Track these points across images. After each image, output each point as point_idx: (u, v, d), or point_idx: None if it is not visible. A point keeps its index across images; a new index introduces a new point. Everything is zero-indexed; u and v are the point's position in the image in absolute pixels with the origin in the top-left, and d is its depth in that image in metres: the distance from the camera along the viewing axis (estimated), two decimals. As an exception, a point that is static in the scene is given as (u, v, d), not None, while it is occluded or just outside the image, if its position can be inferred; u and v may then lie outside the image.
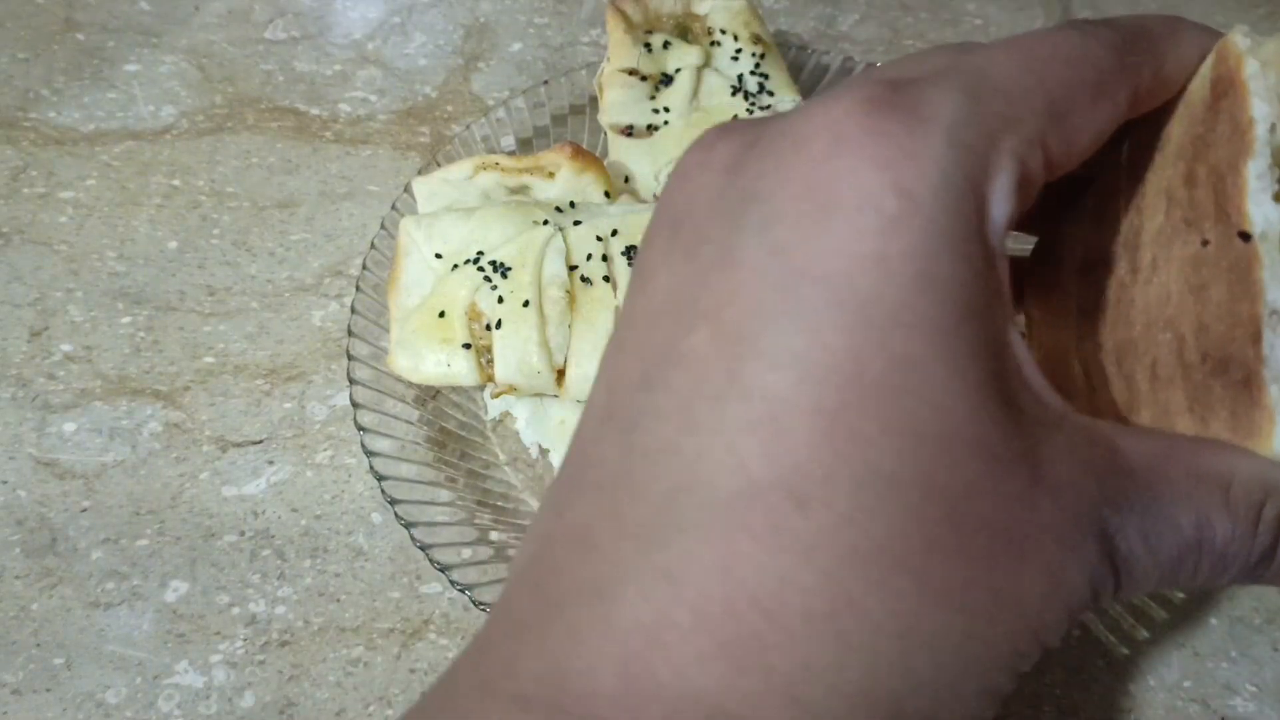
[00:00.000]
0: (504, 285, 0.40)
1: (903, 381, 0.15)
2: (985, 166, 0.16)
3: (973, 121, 0.16)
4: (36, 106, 0.57)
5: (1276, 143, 0.18)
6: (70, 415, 0.45)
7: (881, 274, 0.15)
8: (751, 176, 0.17)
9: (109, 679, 0.38)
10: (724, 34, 0.51)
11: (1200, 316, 0.18)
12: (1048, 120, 0.17)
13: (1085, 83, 0.17)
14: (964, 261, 0.15)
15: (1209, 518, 0.17)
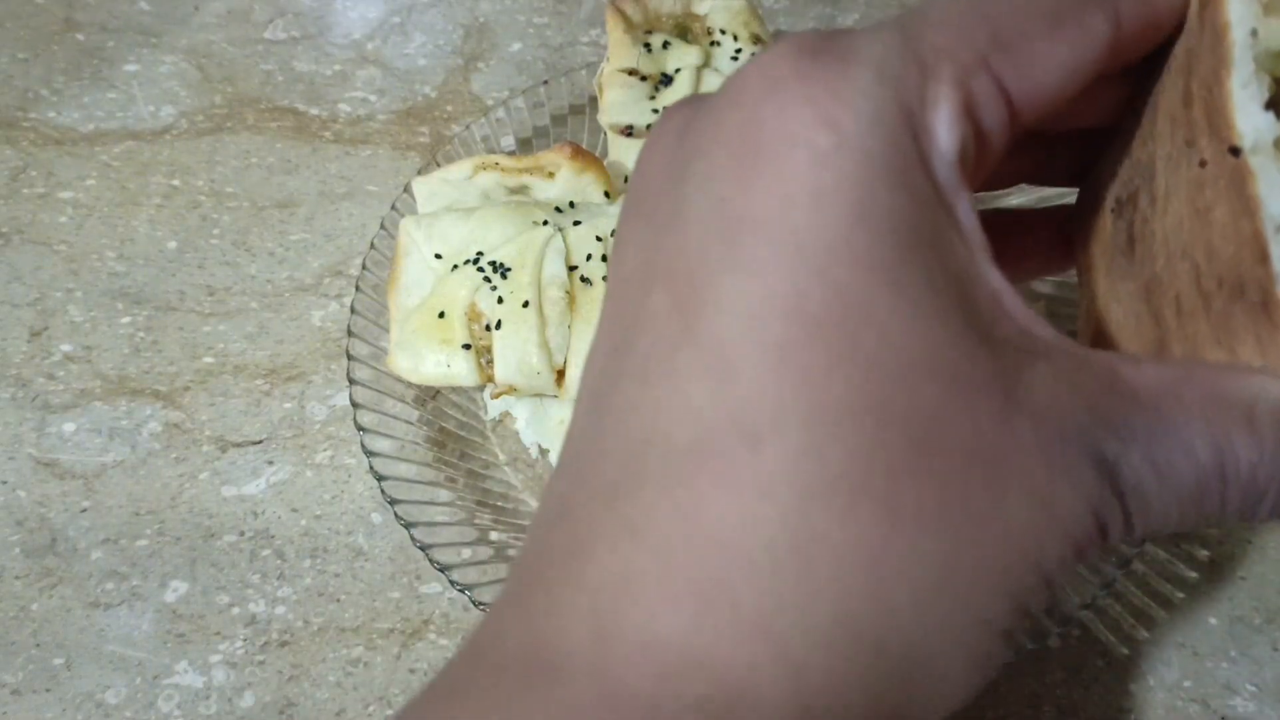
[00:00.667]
0: (504, 286, 0.40)
1: (845, 312, 0.14)
2: (921, 96, 0.16)
3: (905, 55, 0.16)
4: (36, 106, 0.57)
5: (1261, 48, 0.17)
6: (70, 415, 0.45)
7: (816, 209, 0.15)
8: (695, 135, 0.17)
9: (109, 679, 0.38)
10: (724, 34, 0.51)
11: (1210, 241, 0.17)
12: (992, 48, 0.16)
13: (1038, 11, 0.17)
14: (903, 191, 0.15)
15: (1231, 442, 0.16)
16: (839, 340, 0.14)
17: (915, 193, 0.15)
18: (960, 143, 0.16)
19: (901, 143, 0.15)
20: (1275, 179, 0.16)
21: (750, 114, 0.16)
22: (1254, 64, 0.17)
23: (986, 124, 0.16)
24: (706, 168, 0.16)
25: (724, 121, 0.16)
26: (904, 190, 0.15)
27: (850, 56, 0.16)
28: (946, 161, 0.16)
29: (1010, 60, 0.16)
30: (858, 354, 0.14)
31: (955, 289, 0.15)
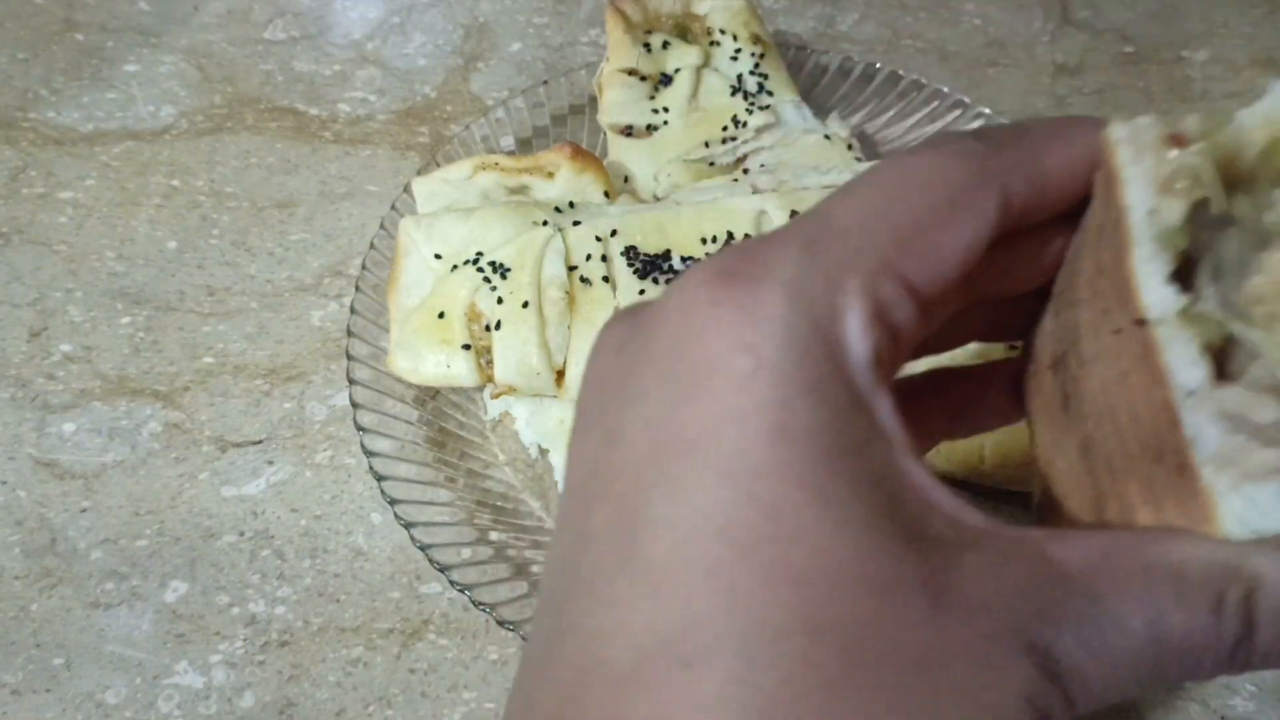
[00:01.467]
0: (503, 286, 0.40)
1: (774, 529, 0.15)
2: (831, 311, 0.17)
3: (812, 271, 0.17)
4: (36, 107, 0.57)
5: (1159, 226, 0.18)
6: (70, 415, 0.45)
7: (739, 430, 0.16)
8: (629, 356, 0.18)
9: (108, 679, 0.38)
10: (723, 34, 0.51)
11: (1131, 405, 0.18)
12: (895, 249, 0.17)
13: (935, 202, 0.18)
14: (822, 404, 0.16)
15: (1162, 614, 0.16)
16: (769, 558, 0.15)
17: (833, 404, 0.16)
18: (873, 348, 0.17)
19: (816, 358, 0.16)
20: (1182, 349, 0.17)
21: (674, 340, 0.17)
22: (1153, 242, 0.17)
23: (897, 322, 0.17)
24: (640, 389, 0.17)
25: (653, 344, 0.17)
26: (822, 404, 0.16)
27: (762, 278, 0.17)
28: (862, 368, 0.17)
29: (913, 256, 0.18)
30: (788, 570, 0.15)
31: (881, 492, 0.16)
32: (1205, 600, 0.16)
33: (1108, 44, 0.61)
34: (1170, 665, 0.16)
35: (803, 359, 0.16)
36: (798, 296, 0.17)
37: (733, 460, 0.15)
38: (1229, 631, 0.16)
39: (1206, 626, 0.16)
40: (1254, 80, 0.59)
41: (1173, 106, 0.58)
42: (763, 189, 0.44)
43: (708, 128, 0.48)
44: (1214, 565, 0.17)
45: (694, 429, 0.16)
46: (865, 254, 0.17)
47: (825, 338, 0.16)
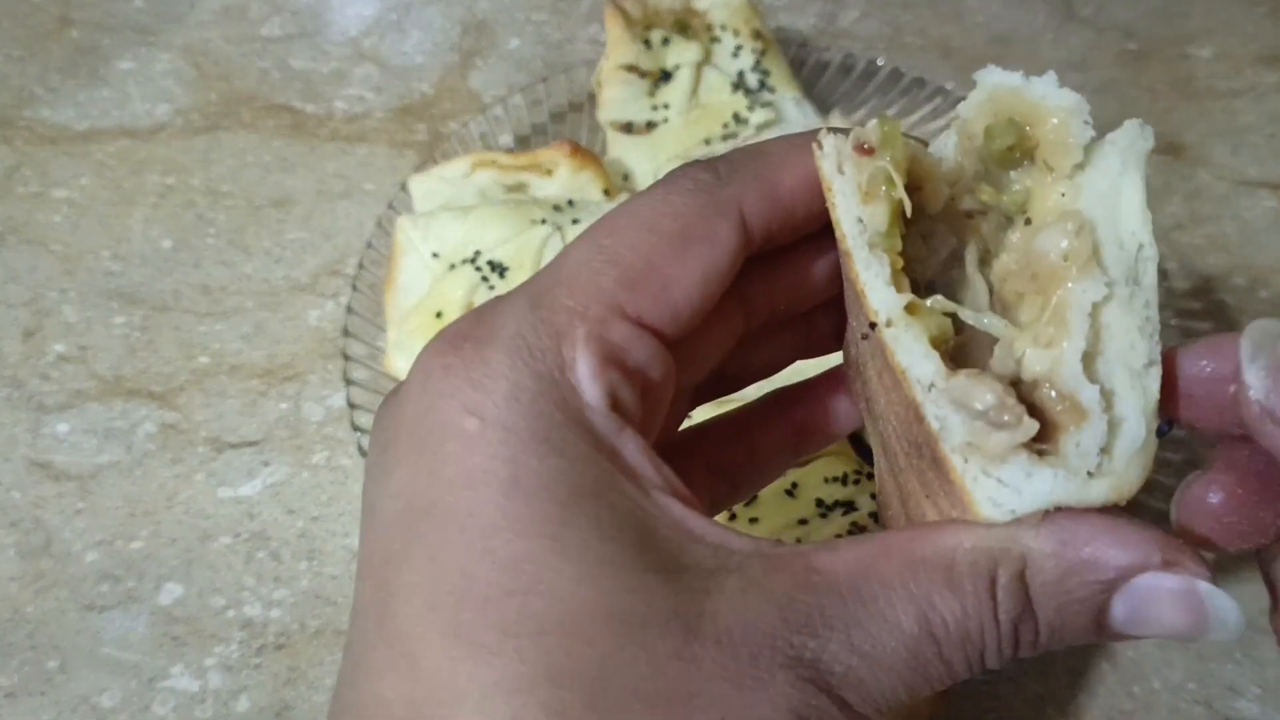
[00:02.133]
0: (501, 285, 0.40)
1: (512, 582, 0.15)
2: (559, 361, 0.17)
3: (537, 326, 0.18)
4: (30, 105, 0.57)
5: (870, 231, 0.18)
6: (64, 416, 0.45)
7: (472, 491, 0.16)
8: (384, 429, 0.18)
9: (104, 682, 0.38)
10: (724, 30, 0.50)
11: (891, 404, 0.19)
12: (623, 291, 0.18)
13: (665, 238, 0.18)
14: (553, 454, 0.16)
15: (933, 605, 0.16)
16: (509, 612, 0.15)
17: (568, 452, 0.16)
18: (607, 392, 0.17)
19: (543, 410, 0.17)
20: (910, 346, 0.18)
21: (415, 410, 0.18)
22: (867, 247, 0.18)
23: (637, 362, 0.18)
24: (392, 460, 0.18)
25: (401, 415, 0.18)
26: (554, 453, 0.16)
27: (487, 341, 0.17)
28: (599, 412, 0.17)
29: (645, 295, 0.18)
30: (527, 622, 0.15)
31: (629, 531, 0.16)
32: (976, 584, 0.17)
33: (1111, 41, 0.61)
34: (953, 657, 0.16)
35: (529, 413, 0.17)
36: (522, 352, 0.17)
37: (467, 520, 0.16)
38: (1006, 612, 0.17)
39: (981, 610, 0.16)
40: (1258, 77, 0.59)
41: (1176, 104, 0.58)
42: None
43: (708, 125, 0.48)
44: (981, 550, 0.17)
45: (432, 494, 0.16)
46: (590, 301, 0.18)
47: (554, 390, 0.17)
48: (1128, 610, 0.17)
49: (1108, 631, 0.18)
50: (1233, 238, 0.52)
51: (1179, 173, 0.55)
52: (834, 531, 0.37)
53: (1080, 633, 0.17)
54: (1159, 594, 0.17)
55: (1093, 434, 0.17)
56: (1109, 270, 0.18)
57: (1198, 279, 0.50)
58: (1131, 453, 0.17)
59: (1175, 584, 0.17)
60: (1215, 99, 0.58)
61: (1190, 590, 0.17)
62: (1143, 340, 0.18)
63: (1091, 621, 0.17)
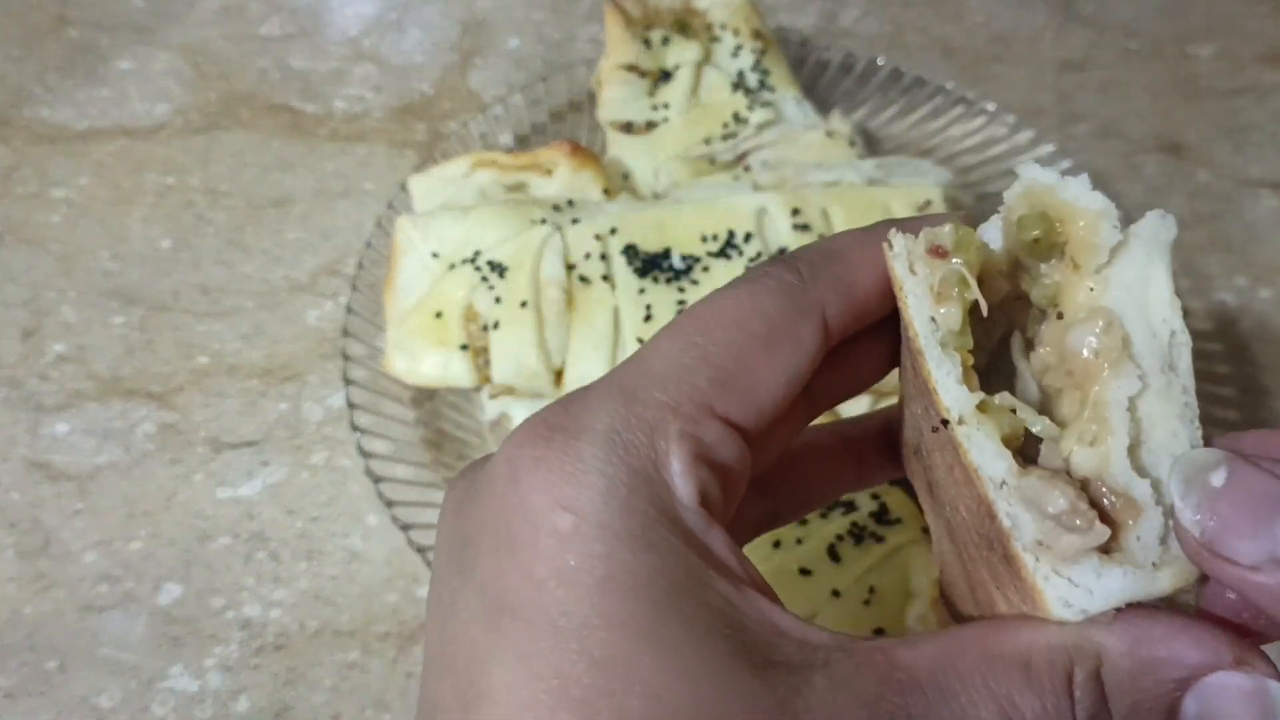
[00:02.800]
0: (501, 285, 0.40)
1: (607, 682, 0.15)
2: (653, 458, 0.17)
3: (631, 421, 0.18)
4: (29, 104, 0.57)
5: (942, 331, 0.19)
6: (63, 416, 0.45)
7: (565, 589, 0.16)
8: (464, 520, 0.18)
9: (102, 683, 0.38)
10: (723, 29, 0.50)
11: (962, 496, 0.19)
12: (713, 391, 0.18)
13: (754, 339, 0.19)
14: (648, 550, 0.16)
15: (1013, 701, 0.16)
16: (605, 712, 0.15)
17: (661, 548, 0.17)
18: (698, 489, 0.18)
19: (638, 507, 0.17)
20: (983, 443, 0.18)
21: (501, 503, 0.17)
22: (940, 347, 0.19)
23: (724, 460, 0.18)
24: (473, 555, 0.18)
25: (484, 506, 0.18)
26: (649, 550, 0.16)
27: (581, 434, 0.17)
28: (690, 510, 0.17)
29: (734, 395, 0.18)
30: (621, 703, 0.15)
31: (720, 628, 0.16)
32: (1054, 682, 0.17)
33: (1112, 39, 0.61)
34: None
35: (624, 509, 0.17)
36: (616, 448, 0.17)
37: (561, 619, 0.16)
38: (1083, 709, 0.17)
39: (1060, 708, 0.17)
40: (1259, 76, 0.59)
41: (1177, 103, 0.58)
42: (764, 186, 0.43)
43: (708, 124, 0.48)
44: (1057, 649, 0.17)
45: (524, 593, 0.16)
46: (683, 399, 0.18)
47: (648, 486, 0.17)
48: (1199, 708, 0.17)
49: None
50: (1235, 237, 0.52)
51: (1180, 172, 0.54)
52: (834, 531, 0.37)
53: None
54: (1230, 693, 0.17)
55: (1151, 527, 0.17)
56: (1142, 362, 0.18)
57: (1199, 278, 0.50)
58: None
59: (1247, 683, 0.17)
60: (1217, 98, 0.58)
61: (1261, 690, 0.17)
62: (1184, 427, 0.18)
63: (1162, 716, 0.17)
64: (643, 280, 0.40)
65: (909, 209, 0.42)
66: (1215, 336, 0.46)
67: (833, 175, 0.44)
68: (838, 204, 0.41)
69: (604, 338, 0.39)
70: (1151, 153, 0.55)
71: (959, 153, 0.51)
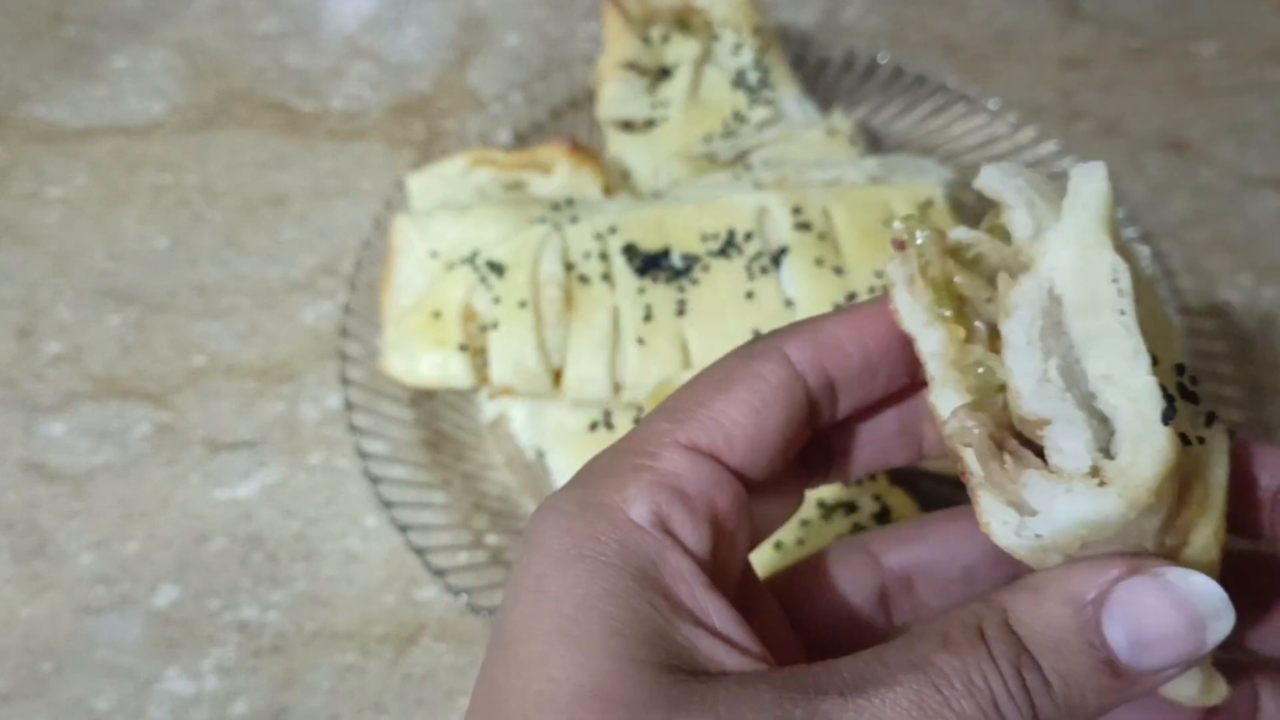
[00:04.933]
0: (500, 285, 0.40)
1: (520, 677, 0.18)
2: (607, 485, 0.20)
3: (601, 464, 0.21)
4: (24, 103, 0.56)
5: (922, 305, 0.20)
6: (59, 416, 0.45)
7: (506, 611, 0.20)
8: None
9: (99, 685, 0.37)
10: (724, 27, 0.50)
11: None
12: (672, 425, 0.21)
13: (709, 382, 0.21)
14: (582, 563, 0.19)
15: (930, 662, 0.17)
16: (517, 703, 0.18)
17: (593, 561, 0.19)
18: (651, 509, 0.20)
19: (577, 528, 0.19)
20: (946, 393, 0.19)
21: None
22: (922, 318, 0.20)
23: (693, 485, 0.20)
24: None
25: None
26: (580, 563, 0.19)
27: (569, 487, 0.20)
28: (639, 528, 0.19)
29: (694, 424, 0.21)
30: (527, 707, 0.18)
31: (640, 630, 0.18)
32: (967, 638, 0.18)
33: (1115, 37, 0.60)
34: (963, 707, 0.17)
35: (568, 531, 0.19)
36: (577, 487, 0.20)
37: (498, 634, 0.19)
38: (1001, 654, 0.18)
39: (977, 656, 0.18)
40: (1263, 73, 0.58)
41: (1181, 101, 0.57)
42: (765, 185, 0.43)
43: (708, 122, 0.47)
44: (968, 612, 0.19)
45: (499, 619, 0.20)
46: (646, 440, 0.20)
47: (596, 509, 0.19)
48: (1123, 632, 0.18)
49: (1121, 671, 0.18)
50: (1238, 235, 0.51)
51: (1183, 170, 0.54)
52: (835, 532, 0.36)
53: (1092, 676, 0.18)
54: (1140, 602, 0.18)
55: (1067, 433, 0.18)
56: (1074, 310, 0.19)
57: (1202, 277, 0.49)
58: (1130, 443, 0.18)
59: (1152, 583, 0.18)
60: (1220, 96, 0.57)
61: (1165, 583, 0.18)
62: (1115, 344, 0.18)
63: (1096, 659, 0.18)
64: (642, 279, 0.40)
65: (910, 208, 0.41)
66: (1219, 336, 0.45)
67: (834, 174, 0.43)
68: (839, 202, 0.41)
69: (603, 337, 0.39)
70: (1154, 151, 0.55)
71: (961, 151, 0.51)
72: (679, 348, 0.39)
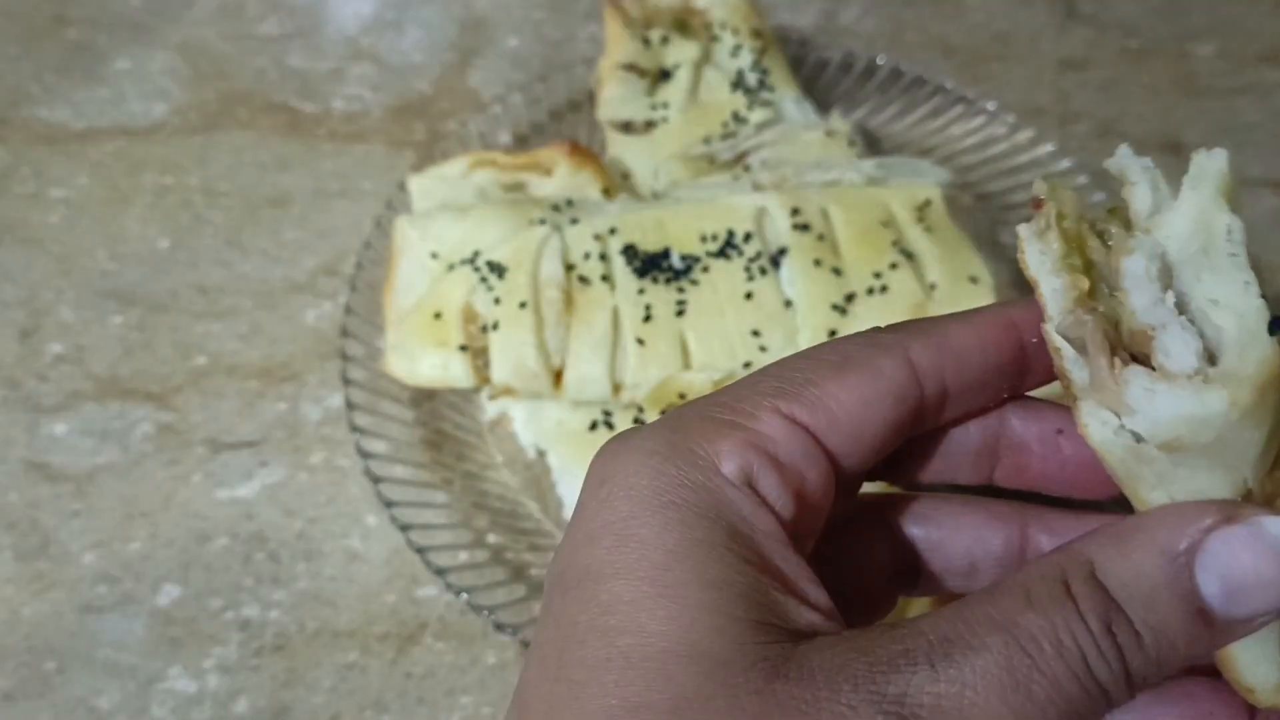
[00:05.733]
0: (500, 286, 0.40)
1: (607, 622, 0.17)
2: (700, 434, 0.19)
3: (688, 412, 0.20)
4: (27, 104, 0.57)
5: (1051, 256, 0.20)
6: (61, 417, 0.45)
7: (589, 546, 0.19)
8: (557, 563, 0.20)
9: (101, 684, 0.38)
10: (723, 28, 0.50)
11: None
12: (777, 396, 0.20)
13: (826, 364, 0.20)
14: (672, 508, 0.18)
15: (1016, 623, 0.17)
16: (599, 649, 0.17)
17: (684, 508, 0.18)
18: (742, 467, 0.19)
19: (667, 472, 0.19)
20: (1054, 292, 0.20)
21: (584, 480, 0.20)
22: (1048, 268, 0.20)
23: (784, 453, 0.20)
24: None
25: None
26: (670, 508, 0.18)
27: (646, 428, 0.20)
28: (730, 483, 0.19)
29: (799, 402, 0.20)
30: (615, 658, 0.17)
31: (734, 585, 0.18)
32: (1053, 594, 0.17)
33: (1112, 38, 0.61)
34: (1054, 670, 0.17)
35: (654, 473, 0.19)
36: (664, 430, 0.20)
37: (582, 575, 0.18)
38: (1089, 610, 0.17)
39: (1065, 614, 0.17)
40: (1260, 75, 0.58)
41: (1177, 102, 0.57)
42: (764, 186, 0.43)
43: (708, 124, 0.48)
44: (1049, 565, 0.18)
45: (564, 559, 0.19)
46: (743, 398, 0.20)
47: (686, 455, 0.19)
48: (1216, 582, 0.17)
49: (1214, 620, 0.17)
50: (1234, 236, 0.51)
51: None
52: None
53: (1183, 627, 0.17)
54: (1234, 550, 0.17)
55: (1175, 339, 0.18)
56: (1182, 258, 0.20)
57: (1199, 278, 0.50)
58: (1236, 349, 0.18)
59: (1243, 530, 0.17)
60: (1217, 97, 0.58)
61: (1261, 530, 0.17)
62: (1226, 277, 0.19)
63: (1188, 610, 0.17)
64: (642, 280, 0.40)
65: (908, 208, 0.42)
66: (1215, 336, 0.46)
67: (832, 175, 0.44)
68: (837, 204, 0.41)
69: (603, 338, 0.39)
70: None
71: (959, 152, 0.51)
72: (679, 348, 0.39)
